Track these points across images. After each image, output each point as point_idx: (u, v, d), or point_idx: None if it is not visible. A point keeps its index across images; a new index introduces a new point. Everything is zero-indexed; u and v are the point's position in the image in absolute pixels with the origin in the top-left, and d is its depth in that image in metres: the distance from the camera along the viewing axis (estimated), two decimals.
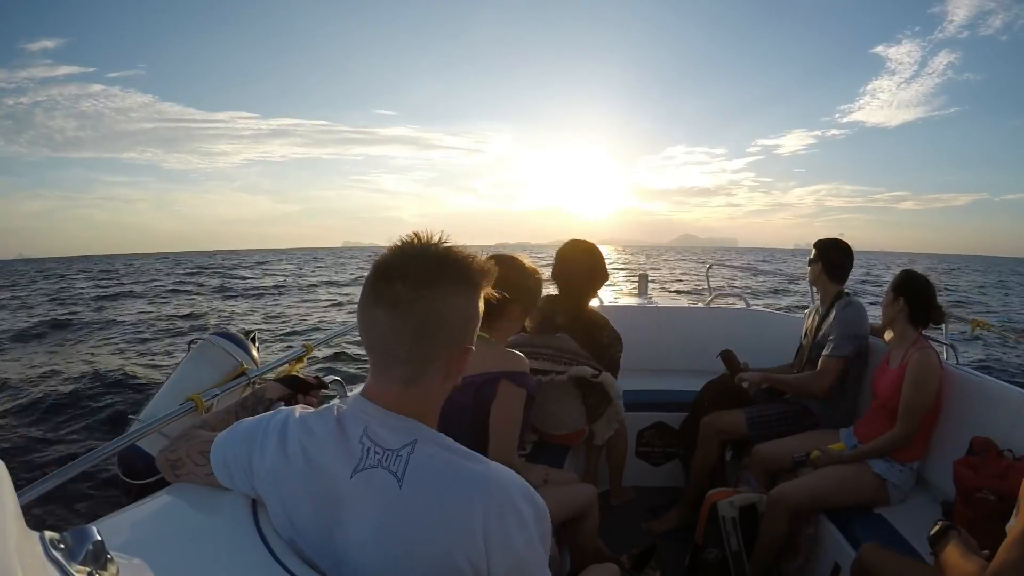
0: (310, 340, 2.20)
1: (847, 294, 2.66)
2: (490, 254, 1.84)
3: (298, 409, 0.96)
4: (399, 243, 0.86)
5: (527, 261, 1.87)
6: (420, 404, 0.88)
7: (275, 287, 25.17)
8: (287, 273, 37.16)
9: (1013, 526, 1.12)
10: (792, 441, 2.42)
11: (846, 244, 2.69)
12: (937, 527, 1.33)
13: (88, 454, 1.31)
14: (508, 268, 1.82)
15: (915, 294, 2.22)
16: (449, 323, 0.85)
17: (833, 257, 2.66)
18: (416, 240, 0.87)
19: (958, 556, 1.22)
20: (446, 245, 0.87)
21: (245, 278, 31.72)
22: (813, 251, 2.72)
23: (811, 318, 2.81)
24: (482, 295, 0.90)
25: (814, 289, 2.83)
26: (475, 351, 1.20)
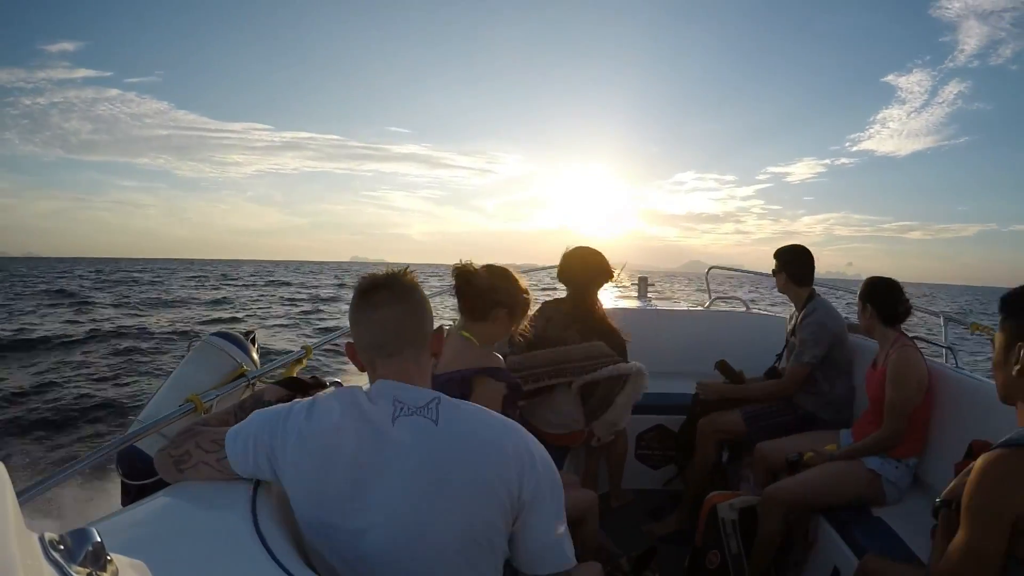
0: (310, 342, 2.20)
1: (817, 295, 2.73)
2: (483, 264, 1.88)
3: (322, 393, 1.07)
4: (368, 275, 1.11)
5: (517, 274, 1.91)
6: (425, 379, 1.09)
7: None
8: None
9: (958, 533, 1.15)
10: (793, 441, 2.43)
11: (803, 248, 2.79)
12: (935, 504, 1.36)
13: (87, 454, 1.31)
14: (496, 275, 1.86)
15: (878, 297, 2.29)
16: (427, 307, 1.12)
17: (794, 264, 2.76)
18: (379, 271, 1.13)
19: (936, 541, 1.28)
20: (397, 268, 1.14)
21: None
22: (775, 262, 2.80)
23: (791, 320, 2.87)
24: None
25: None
26: (456, 350, 1.55)
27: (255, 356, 2.18)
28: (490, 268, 1.88)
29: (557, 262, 2.76)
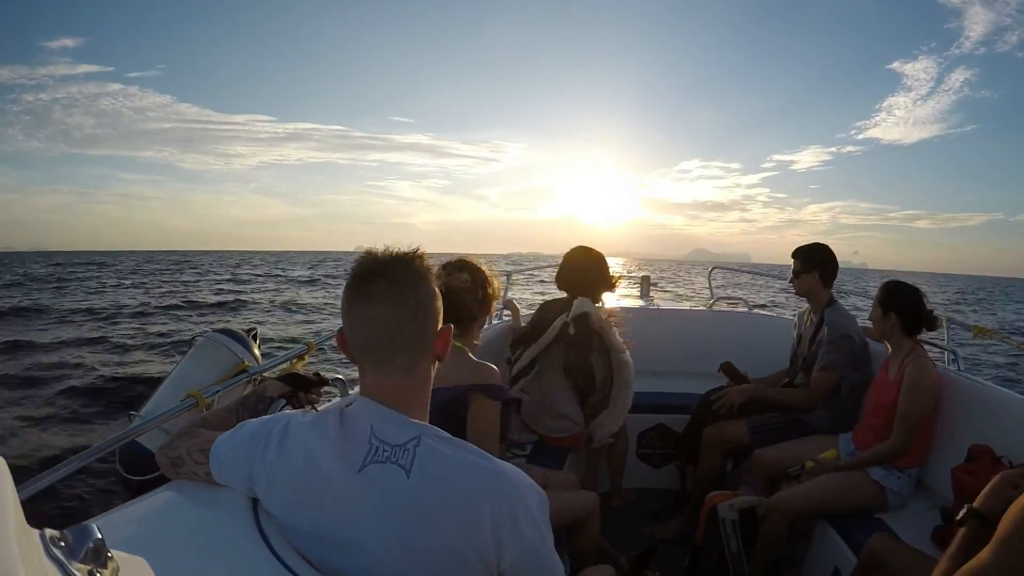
0: (312, 338, 2.20)
1: (836, 300, 2.64)
2: (457, 258, 1.86)
3: (300, 412, 0.99)
4: (367, 253, 0.96)
5: (470, 257, 1.90)
6: (420, 391, 0.97)
7: None
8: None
9: (980, 555, 1.07)
10: (792, 446, 2.41)
11: (828, 246, 2.65)
12: (964, 511, 1.26)
13: (89, 450, 1.31)
14: (478, 271, 1.84)
15: (904, 306, 2.18)
16: (435, 304, 0.96)
17: (827, 263, 2.61)
18: (383, 249, 0.97)
19: (950, 550, 1.21)
20: (405, 249, 0.97)
21: None
22: (798, 261, 2.63)
23: (805, 323, 2.78)
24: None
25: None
26: (448, 362, 1.27)
27: (257, 352, 2.18)
28: (461, 269, 1.82)
29: (562, 250, 2.70)
